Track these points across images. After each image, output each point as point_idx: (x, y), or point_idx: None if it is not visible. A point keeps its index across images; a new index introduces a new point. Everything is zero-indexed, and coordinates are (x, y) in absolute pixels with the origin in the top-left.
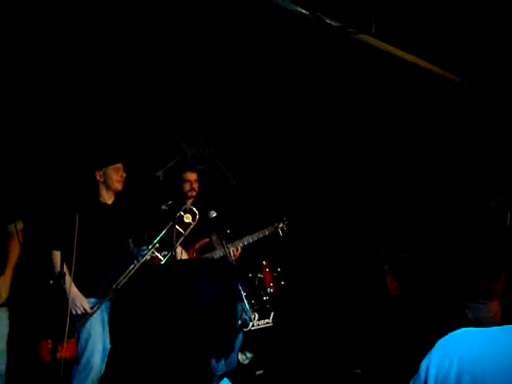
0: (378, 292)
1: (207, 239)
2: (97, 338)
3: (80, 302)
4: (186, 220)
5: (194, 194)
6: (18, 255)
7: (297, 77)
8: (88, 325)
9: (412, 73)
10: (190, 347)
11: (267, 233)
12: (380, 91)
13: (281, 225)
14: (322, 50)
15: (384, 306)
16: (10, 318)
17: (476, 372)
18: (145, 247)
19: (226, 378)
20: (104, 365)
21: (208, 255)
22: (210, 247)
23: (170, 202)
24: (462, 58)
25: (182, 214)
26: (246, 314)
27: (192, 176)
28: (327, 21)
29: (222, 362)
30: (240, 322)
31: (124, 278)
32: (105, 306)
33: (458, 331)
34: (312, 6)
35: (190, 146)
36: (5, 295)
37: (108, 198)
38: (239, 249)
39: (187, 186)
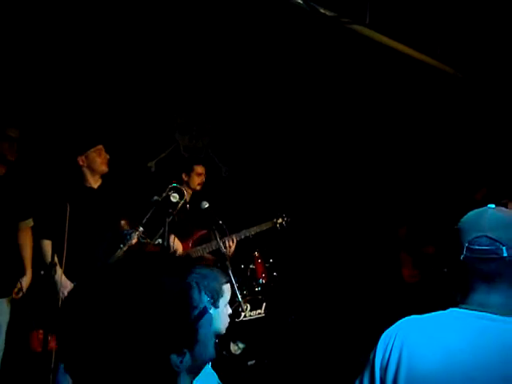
0: (389, 278)
1: (204, 231)
2: None
3: (68, 287)
4: (173, 199)
5: (200, 187)
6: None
7: (291, 67)
8: None
9: (406, 64)
10: (142, 343)
11: (265, 228)
12: (374, 82)
13: (280, 220)
14: (316, 40)
15: (392, 294)
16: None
17: (414, 356)
18: (131, 230)
19: (209, 366)
20: None
21: (202, 246)
22: (207, 239)
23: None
24: (457, 50)
25: (169, 194)
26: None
27: (202, 169)
28: (321, 10)
29: (187, 356)
30: (212, 309)
31: (106, 263)
32: None
33: (403, 319)
34: None
35: (183, 137)
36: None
37: (94, 182)
38: (234, 241)
39: (198, 180)
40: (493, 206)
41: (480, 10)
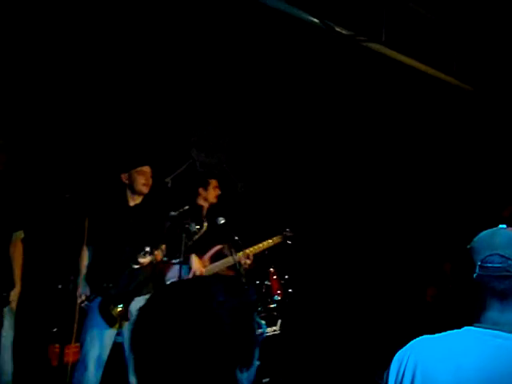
0: (411, 297)
1: (220, 246)
2: (94, 333)
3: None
4: (192, 229)
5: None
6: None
7: (307, 85)
8: (88, 320)
9: (422, 81)
10: (215, 360)
11: (276, 241)
12: (390, 99)
13: (288, 233)
14: (332, 59)
15: (413, 312)
16: (17, 322)
17: (427, 376)
18: (145, 250)
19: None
20: (101, 371)
21: (220, 262)
22: (221, 256)
23: (184, 208)
24: (472, 67)
25: (190, 222)
26: (260, 326)
27: (217, 183)
28: (337, 29)
29: (245, 375)
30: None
31: (117, 277)
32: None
33: (417, 339)
34: (323, 15)
35: (199, 153)
36: (14, 305)
37: (132, 200)
38: (251, 257)
39: (215, 193)
40: (504, 226)
41: (495, 27)
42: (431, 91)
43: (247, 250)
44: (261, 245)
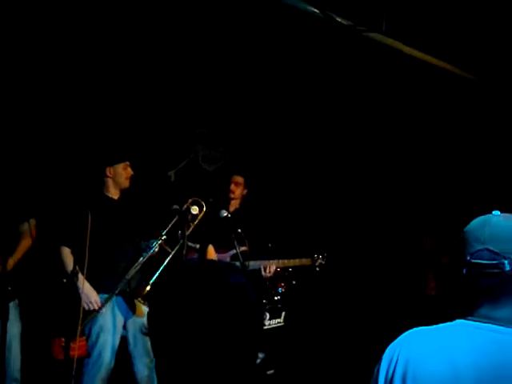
0: (412, 290)
1: (245, 248)
2: (107, 333)
3: (93, 297)
4: (194, 212)
5: (233, 195)
6: (29, 247)
7: (308, 77)
8: (100, 320)
9: (423, 70)
10: (236, 352)
11: (304, 263)
12: (391, 89)
13: (319, 260)
14: (332, 49)
15: (416, 306)
16: (22, 316)
17: (419, 369)
18: (153, 240)
19: None
20: (113, 362)
21: (227, 254)
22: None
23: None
24: (474, 55)
25: (190, 206)
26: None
27: (238, 179)
28: (338, 19)
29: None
30: None
31: (133, 270)
32: (115, 302)
33: (408, 332)
34: (323, 5)
35: (203, 147)
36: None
37: (115, 193)
38: (274, 268)
39: (231, 187)
40: (498, 213)
41: (497, 15)
42: (433, 81)
43: (273, 263)
44: (286, 261)
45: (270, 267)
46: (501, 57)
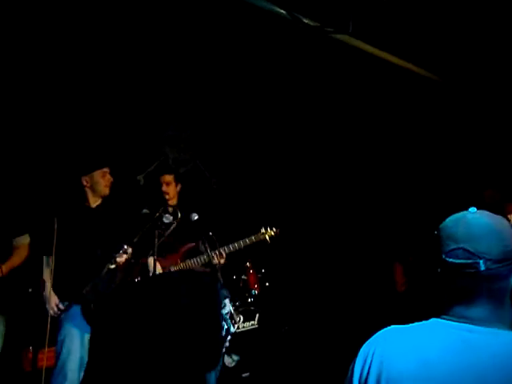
0: (382, 287)
1: (193, 244)
2: (71, 342)
3: (53, 302)
4: (166, 220)
5: (168, 196)
6: (20, 263)
7: (276, 77)
8: (64, 328)
9: (389, 71)
10: (182, 364)
11: (254, 240)
12: (359, 90)
13: (269, 233)
14: (299, 50)
15: (386, 303)
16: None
17: (392, 370)
18: (120, 249)
19: None
20: (82, 373)
21: (192, 260)
22: (196, 252)
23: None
24: (439, 57)
25: (162, 214)
26: (226, 322)
27: (167, 178)
28: (305, 20)
29: (213, 375)
30: (223, 331)
31: (95, 280)
32: (79, 312)
33: (382, 330)
34: (290, 6)
35: (172, 149)
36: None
37: (93, 202)
38: (224, 255)
39: (163, 189)
40: (474, 209)
41: (463, 17)
42: (399, 82)
43: (221, 249)
44: (236, 244)
45: (218, 256)
46: (465, 58)
